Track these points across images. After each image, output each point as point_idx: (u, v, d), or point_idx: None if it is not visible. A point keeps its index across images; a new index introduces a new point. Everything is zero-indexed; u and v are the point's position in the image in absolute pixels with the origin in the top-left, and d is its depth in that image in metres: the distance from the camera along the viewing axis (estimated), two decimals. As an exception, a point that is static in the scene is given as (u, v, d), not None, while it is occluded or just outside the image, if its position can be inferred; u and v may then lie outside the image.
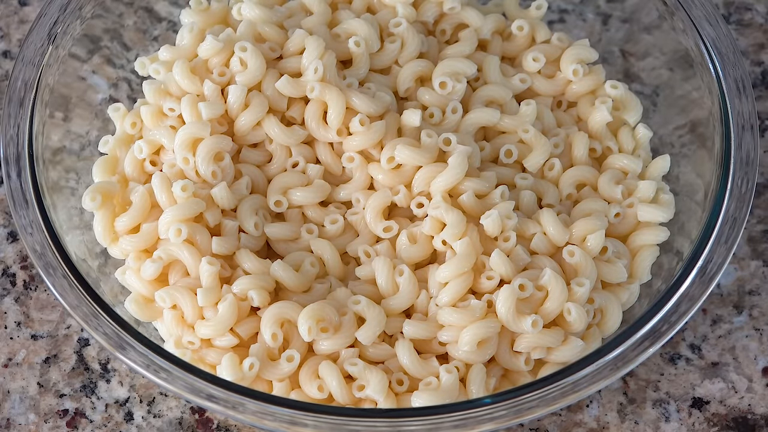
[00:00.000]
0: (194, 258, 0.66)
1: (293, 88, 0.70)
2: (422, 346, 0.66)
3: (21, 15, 0.84)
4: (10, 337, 0.72)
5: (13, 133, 0.68)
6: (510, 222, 0.67)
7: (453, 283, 0.65)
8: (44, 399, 0.70)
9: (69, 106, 0.72)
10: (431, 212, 0.67)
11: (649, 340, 0.62)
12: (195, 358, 0.64)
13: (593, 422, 0.69)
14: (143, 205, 0.68)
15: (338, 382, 0.63)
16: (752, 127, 0.68)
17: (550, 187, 0.71)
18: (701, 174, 0.69)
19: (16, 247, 0.75)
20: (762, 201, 0.76)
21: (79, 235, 0.68)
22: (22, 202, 0.66)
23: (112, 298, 0.66)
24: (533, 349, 0.65)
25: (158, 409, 0.69)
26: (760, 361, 0.71)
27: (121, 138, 0.72)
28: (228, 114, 0.70)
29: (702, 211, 0.67)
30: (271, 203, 0.69)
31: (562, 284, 0.64)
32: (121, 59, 0.76)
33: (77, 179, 0.71)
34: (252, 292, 0.65)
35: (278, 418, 0.59)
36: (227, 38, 0.72)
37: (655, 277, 0.68)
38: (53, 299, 0.73)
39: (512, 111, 0.72)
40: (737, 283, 0.74)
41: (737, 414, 0.69)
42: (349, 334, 0.64)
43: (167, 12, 0.78)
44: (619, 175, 0.71)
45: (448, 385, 0.63)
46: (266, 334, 0.64)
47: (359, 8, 0.75)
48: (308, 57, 0.70)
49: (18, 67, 0.70)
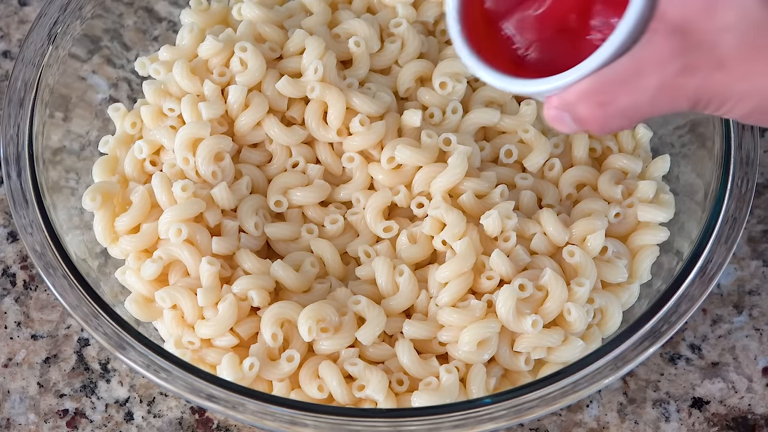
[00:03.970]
0: (194, 258, 0.66)
1: (293, 89, 0.70)
2: (422, 346, 0.66)
3: (21, 15, 0.84)
4: (10, 337, 0.72)
5: (13, 133, 0.68)
6: (510, 222, 0.67)
7: (453, 283, 0.65)
8: (44, 399, 0.70)
9: (69, 106, 0.72)
10: (431, 212, 0.67)
11: (649, 340, 0.62)
12: (195, 358, 0.64)
13: (593, 422, 0.69)
14: (143, 205, 0.68)
15: (338, 382, 0.63)
16: (752, 127, 0.68)
17: (550, 187, 0.71)
18: (701, 174, 0.69)
19: (16, 247, 0.75)
20: (762, 201, 0.76)
21: (79, 235, 0.68)
22: (22, 202, 0.66)
23: (112, 298, 0.66)
24: (533, 349, 0.65)
25: (158, 409, 0.69)
26: (760, 361, 0.71)
27: (121, 138, 0.72)
28: (228, 114, 0.70)
29: (702, 211, 0.67)
30: (271, 203, 0.69)
31: (562, 284, 0.64)
32: (121, 59, 0.76)
33: (77, 179, 0.71)
34: (252, 292, 0.65)
35: (278, 418, 0.59)
36: (227, 38, 0.72)
37: (655, 277, 0.68)
38: (53, 299, 0.73)
39: (512, 111, 0.72)
40: (737, 283, 0.74)
41: (737, 414, 0.69)
42: (349, 334, 0.64)
43: (167, 12, 0.78)
44: (619, 175, 0.71)
45: (448, 385, 0.63)
46: (266, 334, 0.64)
47: (359, 8, 0.75)
48: (308, 57, 0.70)
49: (18, 67, 0.70)
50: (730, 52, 0.49)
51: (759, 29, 0.49)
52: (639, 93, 0.51)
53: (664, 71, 0.50)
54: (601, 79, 0.51)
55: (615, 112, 0.51)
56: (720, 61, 0.49)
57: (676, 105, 0.51)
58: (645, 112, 0.52)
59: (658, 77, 0.50)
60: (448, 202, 0.67)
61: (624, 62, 0.51)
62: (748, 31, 0.49)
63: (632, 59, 0.50)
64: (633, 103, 0.51)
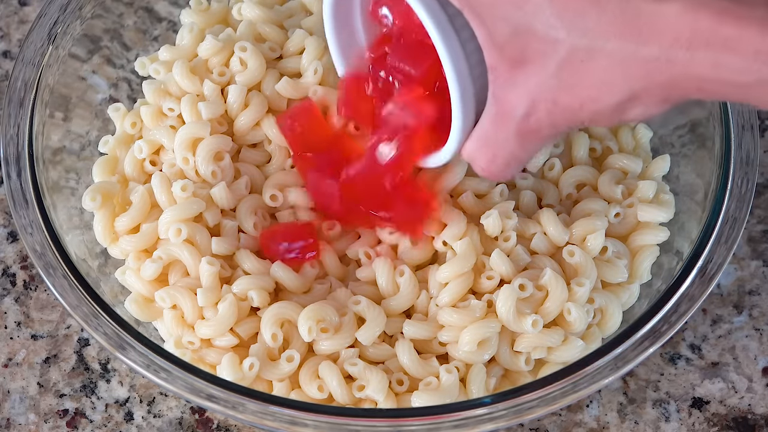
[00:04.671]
0: (194, 258, 0.66)
1: (294, 90, 0.70)
2: (422, 346, 0.66)
3: (21, 15, 0.84)
4: (10, 337, 0.72)
5: (13, 133, 0.68)
6: (510, 222, 0.67)
7: (453, 284, 0.65)
8: (44, 399, 0.70)
9: (69, 106, 0.72)
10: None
11: (649, 340, 0.62)
12: (195, 358, 0.64)
13: (593, 422, 0.69)
14: (143, 205, 0.68)
15: (338, 382, 0.63)
16: (752, 127, 0.68)
17: (550, 187, 0.71)
18: (701, 174, 0.69)
19: (16, 247, 0.75)
20: (762, 201, 0.76)
21: (79, 235, 0.68)
22: (22, 202, 0.66)
23: (112, 298, 0.66)
24: (533, 349, 0.65)
25: (158, 409, 0.69)
26: (760, 361, 0.71)
27: (121, 138, 0.72)
28: (228, 114, 0.70)
29: (702, 211, 0.67)
30: (266, 197, 0.69)
31: (562, 284, 0.64)
32: (121, 59, 0.76)
33: (77, 179, 0.71)
34: (252, 292, 0.65)
35: (278, 418, 0.59)
36: (227, 38, 0.72)
37: (655, 277, 0.68)
38: (53, 299, 0.73)
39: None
40: (737, 283, 0.74)
41: (737, 414, 0.69)
42: (349, 334, 0.64)
43: (167, 12, 0.78)
44: (619, 175, 0.71)
45: (448, 385, 0.63)
46: (266, 334, 0.64)
47: (359, 8, 0.75)
48: (308, 57, 0.70)
49: (18, 67, 0.70)
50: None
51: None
52: (505, 147, 0.55)
53: (512, 121, 0.53)
54: (473, 144, 0.56)
55: (501, 164, 0.56)
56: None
57: (545, 141, 0.55)
58: (526, 156, 0.56)
59: (511, 127, 0.53)
60: (449, 203, 0.67)
61: (480, 126, 0.55)
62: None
63: (480, 124, 0.55)
64: (509, 155, 0.55)
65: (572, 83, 0.50)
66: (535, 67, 0.50)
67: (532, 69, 0.50)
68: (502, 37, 0.50)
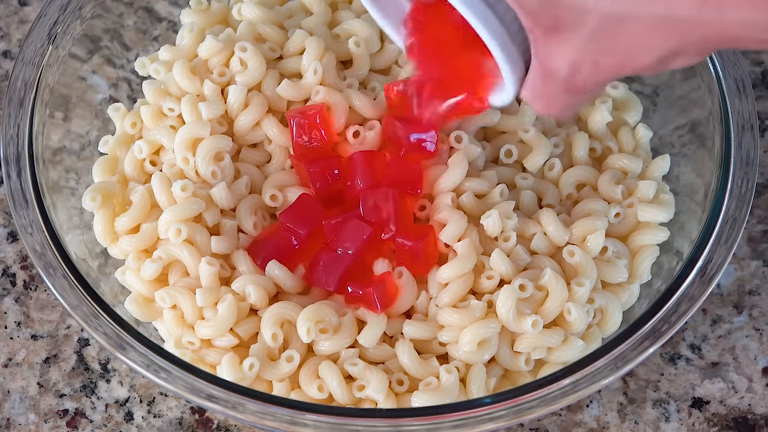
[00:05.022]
0: (194, 258, 0.66)
1: (294, 92, 0.70)
2: (422, 346, 0.66)
3: (21, 15, 0.84)
4: (10, 337, 0.72)
5: (13, 133, 0.68)
6: (510, 222, 0.66)
7: (453, 284, 0.65)
8: (44, 399, 0.70)
9: (69, 106, 0.72)
10: (436, 216, 0.67)
11: (649, 340, 0.62)
12: (195, 358, 0.64)
13: (593, 422, 0.69)
14: (143, 205, 0.68)
15: (338, 382, 0.63)
16: (752, 127, 0.68)
17: (550, 187, 0.71)
18: (701, 174, 0.69)
19: (16, 247, 0.75)
20: (762, 201, 0.76)
21: (79, 235, 0.68)
22: (22, 202, 0.66)
23: (112, 298, 0.66)
24: (533, 349, 0.65)
25: (158, 409, 0.69)
26: (760, 361, 0.71)
27: (121, 138, 0.72)
28: (228, 114, 0.70)
29: (702, 211, 0.67)
30: (266, 197, 0.69)
31: (562, 284, 0.64)
32: (121, 59, 0.76)
33: (77, 179, 0.71)
34: (249, 287, 0.65)
35: (278, 418, 0.59)
36: (227, 38, 0.72)
37: (655, 277, 0.68)
38: (53, 299, 0.73)
39: (512, 111, 0.72)
40: (737, 283, 0.74)
41: (737, 414, 0.69)
42: (349, 335, 0.64)
43: (167, 12, 0.78)
44: (619, 175, 0.71)
45: (448, 385, 0.63)
46: (266, 335, 0.64)
47: (359, 8, 0.75)
48: (308, 58, 0.70)
49: (18, 67, 0.70)
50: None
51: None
52: (557, 99, 0.55)
53: (558, 80, 0.53)
54: (527, 94, 0.56)
55: (558, 109, 0.56)
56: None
57: (596, 91, 0.55)
58: (580, 102, 0.56)
59: (558, 85, 0.54)
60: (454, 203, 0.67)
61: (529, 81, 0.55)
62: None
63: (530, 79, 0.55)
64: (561, 105, 0.55)
65: (609, 46, 0.51)
66: (570, 33, 0.51)
67: (567, 36, 0.51)
68: (531, 5, 0.51)
